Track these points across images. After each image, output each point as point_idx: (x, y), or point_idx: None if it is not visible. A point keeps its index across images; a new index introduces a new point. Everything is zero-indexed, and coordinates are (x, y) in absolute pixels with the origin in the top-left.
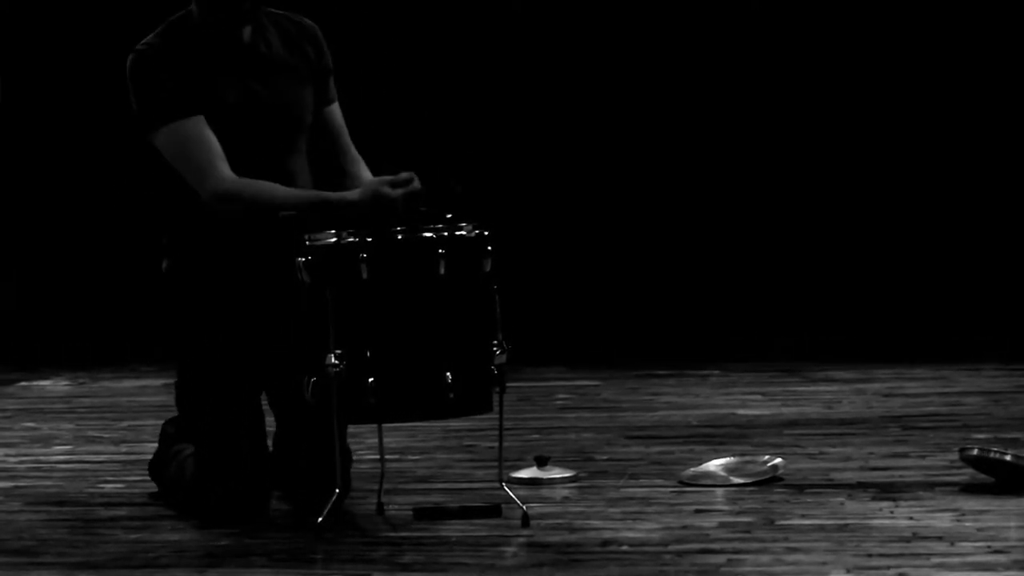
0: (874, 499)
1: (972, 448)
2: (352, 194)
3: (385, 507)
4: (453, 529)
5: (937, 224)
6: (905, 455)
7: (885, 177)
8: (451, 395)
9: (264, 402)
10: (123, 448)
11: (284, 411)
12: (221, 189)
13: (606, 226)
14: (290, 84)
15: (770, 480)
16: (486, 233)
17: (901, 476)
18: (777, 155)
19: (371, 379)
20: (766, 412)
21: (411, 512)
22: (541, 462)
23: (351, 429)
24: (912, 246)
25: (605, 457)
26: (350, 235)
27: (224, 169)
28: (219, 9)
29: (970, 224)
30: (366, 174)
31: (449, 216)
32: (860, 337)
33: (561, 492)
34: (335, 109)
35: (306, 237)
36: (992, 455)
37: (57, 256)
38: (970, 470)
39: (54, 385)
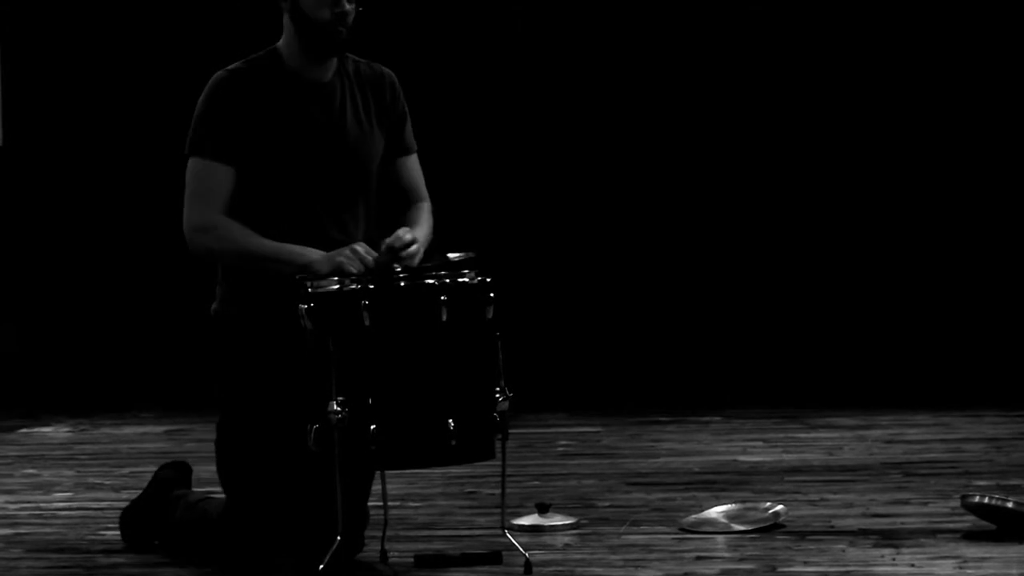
0: (876, 546)
1: (974, 495)
2: (316, 259)
3: (387, 554)
4: None
5: (939, 272)
6: (907, 502)
7: (888, 226)
8: (453, 442)
9: None
10: (124, 495)
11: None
12: (199, 220)
13: (608, 273)
14: (361, 128)
15: (772, 527)
16: (488, 280)
17: (903, 523)
18: (779, 200)
19: (373, 426)
20: (767, 459)
21: (413, 559)
22: (542, 509)
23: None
24: (914, 293)
25: (606, 504)
26: (352, 282)
27: (215, 210)
28: (315, 36)
29: (972, 273)
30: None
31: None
32: (861, 384)
33: (562, 539)
34: (410, 161)
35: (308, 284)
36: (994, 502)
37: (58, 303)
38: (972, 517)
39: (55, 432)
